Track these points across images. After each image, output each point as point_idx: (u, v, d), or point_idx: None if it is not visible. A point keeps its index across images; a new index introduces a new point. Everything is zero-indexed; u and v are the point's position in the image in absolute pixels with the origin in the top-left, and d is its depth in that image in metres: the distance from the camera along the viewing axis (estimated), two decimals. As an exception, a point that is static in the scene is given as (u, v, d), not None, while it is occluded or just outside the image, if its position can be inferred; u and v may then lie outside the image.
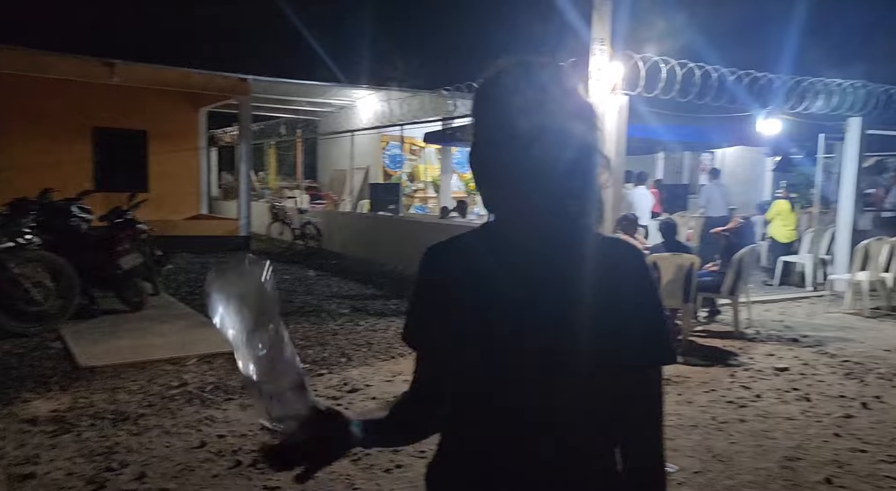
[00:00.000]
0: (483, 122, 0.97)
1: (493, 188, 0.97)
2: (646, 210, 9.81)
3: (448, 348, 1.02)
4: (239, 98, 12.50)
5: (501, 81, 0.97)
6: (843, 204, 8.91)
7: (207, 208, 15.67)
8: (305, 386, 1.00)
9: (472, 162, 0.99)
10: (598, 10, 6.57)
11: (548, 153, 0.91)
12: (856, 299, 7.43)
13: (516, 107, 0.93)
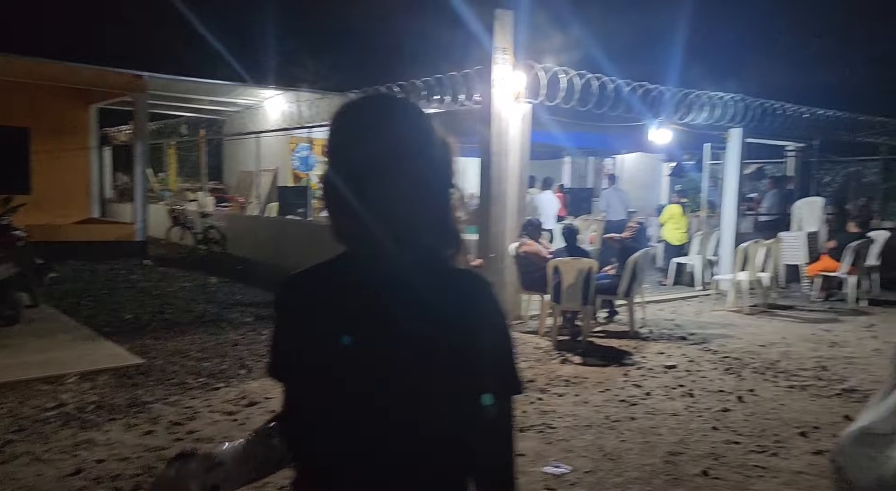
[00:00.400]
0: (330, 154, 0.97)
1: (340, 220, 0.97)
2: (551, 214, 10.14)
3: (302, 381, 1.02)
4: (134, 95, 11.81)
5: (347, 116, 0.97)
6: (727, 208, 9.59)
7: (100, 211, 14.70)
8: None
9: (322, 193, 1.00)
10: (500, 20, 6.72)
11: (391, 187, 0.92)
12: (738, 298, 8.02)
13: (360, 141, 0.93)
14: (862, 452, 0.80)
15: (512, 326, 6.94)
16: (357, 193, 0.92)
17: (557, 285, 6.27)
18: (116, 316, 6.92)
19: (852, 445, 0.83)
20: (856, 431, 0.84)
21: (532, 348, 6.13)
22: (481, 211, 7.51)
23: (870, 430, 0.82)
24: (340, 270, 1.03)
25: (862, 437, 0.82)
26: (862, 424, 0.85)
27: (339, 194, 0.94)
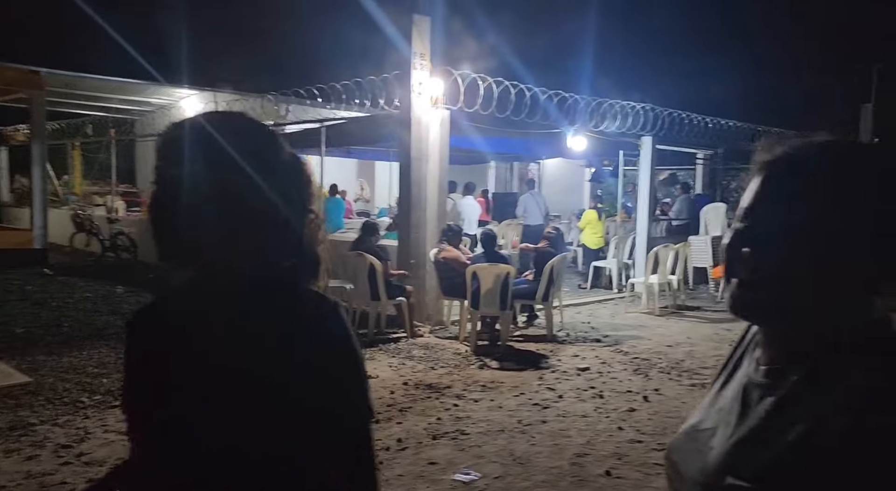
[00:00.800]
0: (160, 173, 0.92)
1: (171, 245, 0.93)
2: (473, 219, 10.24)
3: (151, 420, 0.97)
4: (30, 93, 11.02)
5: (183, 133, 0.92)
6: (640, 213, 9.98)
7: (-5, 216, 13.66)
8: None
9: (150, 215, 0.93)
10: (418, 26, 6.73)
11: (229, 211, 0.88)
12: (650, 300, 8.34)
13: (194, 160, 0.89)
14: (691, 447, 0.83)
15: (433, 331, 6.95)
16: (190, 217, 0.88)
17: (476, 291, 6.31)
18: (6, 330, 6.42)
19: (683, 441, 0.86)
20: (687, 428, 0.88)
21: (451, 354, 6.14)
22: (401, 217, 7.48)
23: (697, 427, 0.86)
24: (185, 300, 0.99)
25: (691, 433, 0.86)
26: (691, 422, 0.89)
27: (170, 217, 0.89)
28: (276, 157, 0.95)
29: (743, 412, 0.77)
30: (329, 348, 0.95)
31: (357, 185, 14.14)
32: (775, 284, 0.72)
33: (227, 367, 0.91)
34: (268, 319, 0.94)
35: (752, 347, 0.86)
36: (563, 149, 10.37)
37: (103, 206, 13.91)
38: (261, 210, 0.91)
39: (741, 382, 0.83)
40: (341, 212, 10.34)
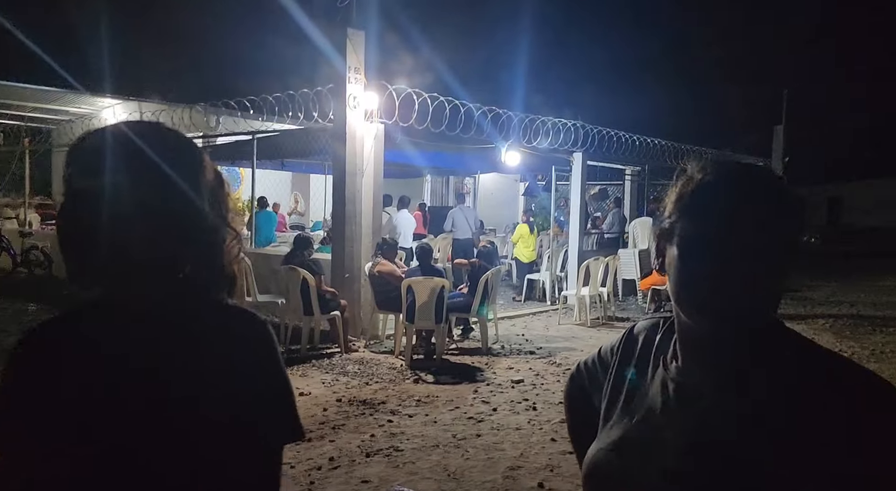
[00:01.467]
0: (68, 184, 0.88)
1: (80, 257, 0.88)
2: (409, 233, 10.22)
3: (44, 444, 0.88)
4: (-67, 99, 10.28)
5: (93, 144, 0.89)
6: (573, 227, 10.24)
7: None
8: None
9: (59, 228, 0.89)
10: (352, 39, 6.71)
11: (142, 224, 0.85)
12: (582, 312, 8.54)
13: (102, 172, 0.86)
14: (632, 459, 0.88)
15: (368, 345, 6.87)
16: (103, 230, 0.84)
17: (411, 304, 6.29)
18: None
19: (615, 458, 0.90)
20: (608, 445, 0.93)
21: (386, 369, 6.07)
22: (335, 230, 7.39)
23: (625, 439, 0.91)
24: (92, 319, 0.93)
25: (621, 448, 0.90)
26: (611, 439, 0.93)
27: (82, 230, 0.86)
28: (195, 169, 0.92)
29: (692, 411, 0.85)
30: (256, 363, 0.93)
31: (291, 199, 13.88)
32: (757, 296, 0.82)
33: (137, 386, 0.88)
34: (184, 336, 0.91)
35: (656, 351, 0.94)
36: (498, 163, 10.54)
37: (15, 220, 13.07)
38: (177, 224, 0.88)
39: (662, 385, 0.89)
40: (273, 225, 10.11)
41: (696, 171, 0.88)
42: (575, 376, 1.14)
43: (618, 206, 12.65)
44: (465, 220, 10.28)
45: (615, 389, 0.96)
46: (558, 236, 10.82)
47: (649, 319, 1.02)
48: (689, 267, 0.84)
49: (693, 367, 0.87)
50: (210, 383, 0.89)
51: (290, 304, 6.79)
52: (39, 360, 0.92)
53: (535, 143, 9.12)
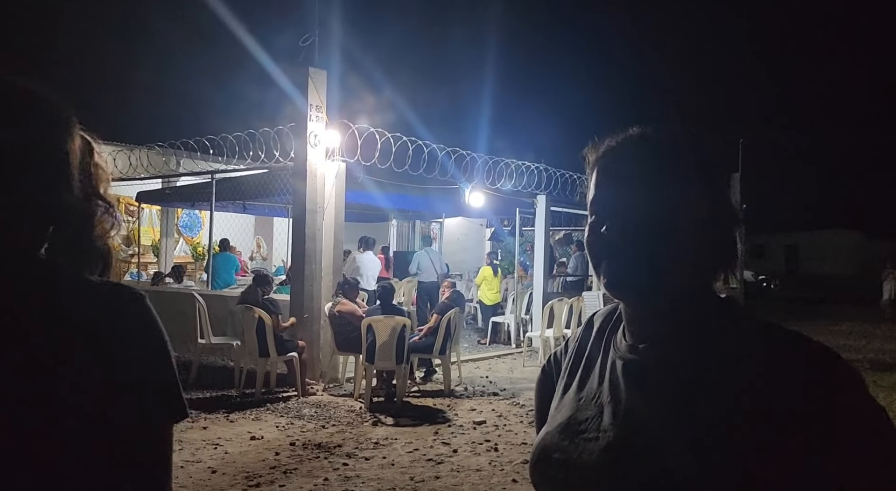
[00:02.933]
0: None
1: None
2: (373, 275, 10.07)
3: None
4: None
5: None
6: (537, 269, 10.24)
7: None
8: None
9: None
10: (314, 78, 6.73)
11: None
12: (546, 353, 8.42)
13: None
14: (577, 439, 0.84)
15: (327, 388, 6.61)
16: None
17: (371, 344, 6.11)
18: None
19: (562, 438, 0.86)
20: (558, 427, 0.88)
21: (345, 412, 5.83)
22: (294, 269, 7.23)
23: (574, 420, 0.87)
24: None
25: (570, 428, 0.86)
26: (560, 420, 0.89)
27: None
28: (54, 133, 0.84)
29: (630, 387, 0.81)
30: (133, 336, 0.85)
31: (253, 243, 13.65)
32: (641, 264, 0.78)
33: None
34: (57, 309, 0.82)
35: (608, 334, 0.92)
36: (463, 207, 10.58)
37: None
38: (33, 197, 0.80)
39: (611, 364, 0.86)
40: (232, 267, 9.86)
41: (606, 141, 0.87)
42: (545, 367, 1.12)
43: (581, 250, 12.75)
44: (431, 263, 10.21)
45: (570, 372, 0.95)
46: (523, 279, 10.80)
47: (608, 307, 0.99)
48: (588, 239, 0.84)
49: (634, 344, 0.85)
50: (80, 359, 0.80)
51: (245, 346, 6.54)
52: None
53: (498, 184, 9.20)
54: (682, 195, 0.78)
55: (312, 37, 6.78)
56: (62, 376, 0.79)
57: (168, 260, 12.38)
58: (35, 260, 0.84)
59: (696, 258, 0.80)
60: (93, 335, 0.82)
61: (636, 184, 0.79)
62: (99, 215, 0.89)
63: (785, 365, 0.72)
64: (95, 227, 0.89)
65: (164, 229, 12.89)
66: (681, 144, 0.83)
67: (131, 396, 0.82)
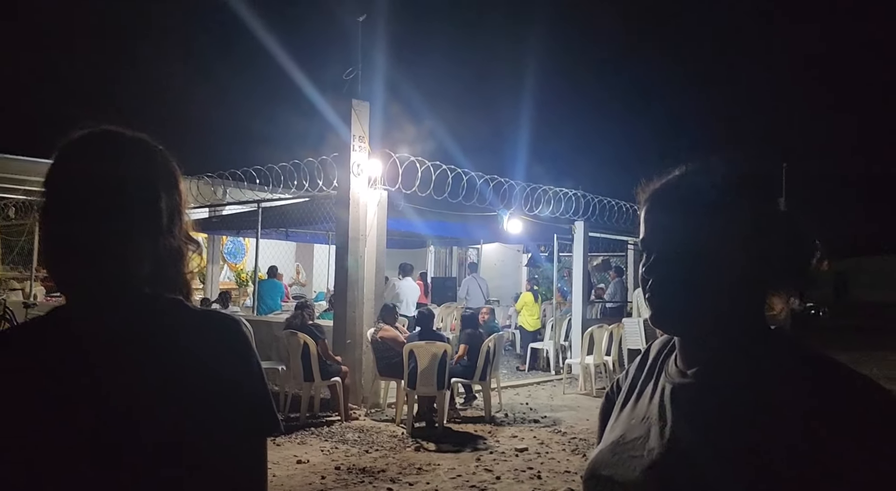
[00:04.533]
0: (47, 191, 0.90)
1: (53, 264, 0.88)
2: (412, 300, 10.17)
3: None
4: (-53, 175, 10.55)
5: (65, 153, 0.91)
6: (576, 295, 10.18)
7: None
8: None
9: (40, 235, 0.92)
10: (357, 110, 6.97)
11: (107, 231, 0.86)
12: (586, 381, 8.35)
13: (76, 176, 0.88)
14: (624, 456, 0.88)
15: (369, 413, 6.68)
16: (71, 233, 0.85)
17: (413, 370, 6.17)
18: None
19: (611, 455, 0.91)
20: (609, 445, 0.93)
21: (387, 437, 5.88)
22: (337, 295, 7.38)
23: (622, 439, 0.91)
24: (52, 328, 0.92)
25: (619, 446, 0.91)
26: (612, 439, 0.93)
27: (54, 235, 0.87)
28: (160, 177, 0.94)
29: (675, 409, 0.86)
30: (236, 358, 0.93)
31: (293, 269, 13.94)
32: (678, 295, 0.84)
33: (112, 390, 0.86)
34: (157, 338, 0.90)
35: (662, 360, 0.96)
36: (501, 233, 10.65)
37: (20, 291, 13.12)
38: (140, 232, 0.89)
39: (661, 389, 0.91)
40: (278, 294, 10.10)
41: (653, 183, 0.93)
42: (608, 394, 1.18)
43: (619, 276, 12.63)
44: (479, 289, 10.29)
45: (627, 395, 1.00)
46: (561, 305, 10.75)
47: (666, 336, 1.03)
48: (640, 274, 0.88)
49: (684, 370, 0.89)
50: (183, 380, 0.88)
51: (290, 370, 6.68)
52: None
53: (536, 211, 9.24)
54: (719, 229, 0.82)
55: (356, 70, 7.04)
56: (172, 397, 0.87)
57: (214, 286, 12.72)
58: (143, 293, 0.92)
59: (738, 289, 0.83)
60: (196, 358, 0.90)
61: (673, 221, 0.85)
62: (189, 253, 0.98)
63: (828, 396, 0.74)
64: (187, 264, 0.98)
65: (210, 256, 13.27)
66: (719, 178, 0.86)
67: (231, 412, 0.89)
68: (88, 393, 0.86)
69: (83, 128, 0.92)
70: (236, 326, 0.95)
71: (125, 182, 0.88)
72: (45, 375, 0.87)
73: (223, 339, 0.93)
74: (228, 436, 0.89)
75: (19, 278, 15.27)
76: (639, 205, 0.92)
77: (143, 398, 0.86)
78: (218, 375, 0.90)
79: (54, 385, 0.86)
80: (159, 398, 0.86)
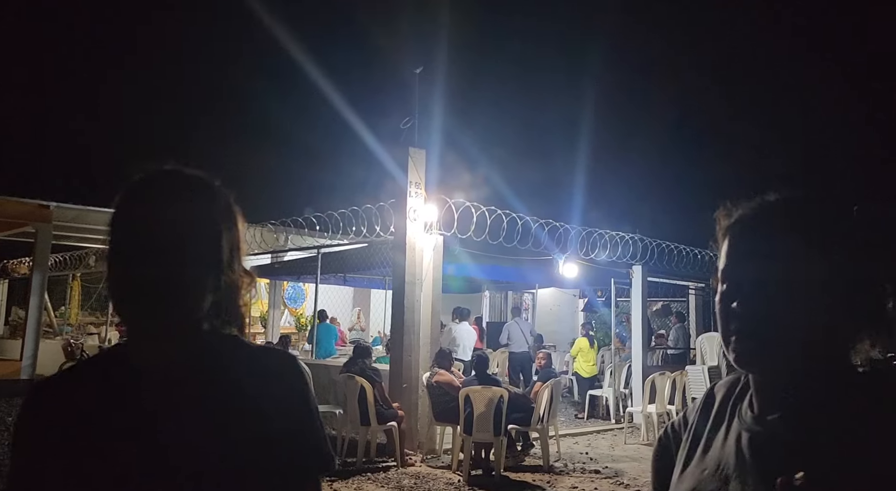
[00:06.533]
0: (112, 232, 0.93)
1: (119, 302, 0.91)
2: (469, 345, 10.13)
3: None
4: (37, 225, 11.27)
5: (133, 188, 0.94)
6: (635, 341, 9.92)
7: (-14, 348, 13.47)
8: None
9: (107, 274, 0.93)
10: (413, 157, 7.18)
11: (169, 268, 0.88)
12: (649, 430, 8.03)
13: (138, 215, 0.91)
14: None
15: (425, 459, 6.61)
16: (138, 273, 0.88)
17: (469, 415, 6.11)
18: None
19: None
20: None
21: (443, 484, 5.80)
22: (394, 340, 7.44)
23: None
24: (116, 363, 0.95)
25: None
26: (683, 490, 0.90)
27: (121, 274, 0.90)
28: (220, 214, 0.96)
29: (757, 460, 0.80)
30: (291, 396, 0.95)
31: (353, 314, 14.15)
32: (770, 330, 0.78)
33: (172, 425, 0.88)
34: (216, 374, 0.93)
35: (732, 404, 0.90)
36: (556, 277, 10.56)
37: (97, 336, 13.80)
38: (202, 267, 0.91)
39: (737, 437, 0.85)
40: (332, 337, 10.27)
41: (740, 208, 0.86)
42: (662, 438, 1.13)
43: (681, 322, 12.23)
44: (521, 332, 10.16)
45: (692, 443, 0.94)
46: (620, 351, 10.47)
47: (731, 376, 0.98)
48: (718, 309, 0.83)
49: (762, 416, 0.83)
50: (242, 418, 0.90)
51: (347, 414, 6.72)
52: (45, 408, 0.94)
53: (592, 255, 9.16)
54: (809, 267, 0.77)
55: (413, 119, 7.29)
56: (228, 432, 0.89)
57: (275, 330, 13.04)
58: (203, 329, 0.94)
59: (827, 331, 0.78)
60: (253, 394, 0.92)
61: (762, 257, 0.79)
62: (244, 286, 0.99)
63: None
64: (242, 297, 0.99)
65: (271, 301, 13.66)
66: (809, 212, 0.81)
67: (288, 450, 0.92)
68: (145, 426, 0.88)
69: (144, 170, 0.95)
70: (293, 363, 0.98)
71: (187, 220, 0.90)
72: (106, 407, 0.90)
73: (280, 375, 0.96)
74: (283, 473, 0.91)
75: (96, 323, 16.10)
76: (719, 230, 0.87)
77: (198, 433, 0.88)
78: (274, 411, 0.92)
79: (114, 417, 0.89)
80: (215, 433, 0.89)
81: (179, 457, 0.87)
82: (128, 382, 0.91)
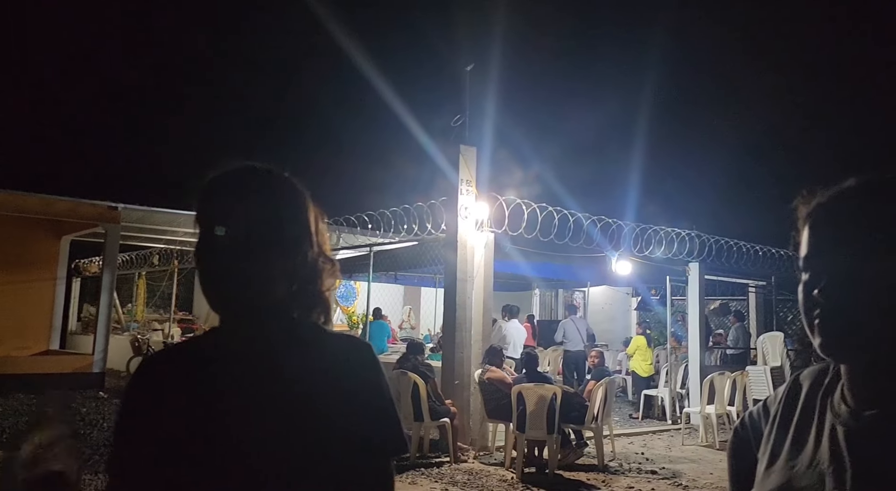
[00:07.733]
0: (200, 223, 0.98)
1: (210, 291, 0.96)
2: (519, 343, 10.08)
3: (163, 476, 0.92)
4: (107, 226, 11.91)
5: (215, 185, 0.99)
6: (692, 341, 9.65)
7: (61, 343, 14.23)
8: None
9: (196, 264, 0.98)
10: (464, 155, 7.20)
11: (251, 257, 0.93)
12: (708, 431, 7.81)
13: (219, 209, 0.95)
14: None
15: (478, 456, 6.63)
16: (223, 263, 0.93)
17: (522, 413, 6.09)
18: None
19: None
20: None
21: (497, 481, 5.80)
22: (446, 337, 7.48)
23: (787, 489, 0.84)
24: (213, 343, 1.01)
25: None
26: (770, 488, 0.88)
27: (208, 265, 0.95)
28: (303, 205, 1.01)
29: (855, 455, 0.77)
30: (365, 380, 0.98)
31: (404, 312, 14.30)
32: (860, 318, 0.76)
33: (258, 405, 0.93)
34: (299, 355, 0.97)
35: (822, 396, 0.87)
36: (608, 275, 10.39)
37: (161, 332, 14.39)
38: (289, 255, 0.96)
39: (831, 430, 0.82)
40: (385, 335, 10.40)
41: (819, 195, 0.84)
42: (738, 429, 1.11)
43: (740, 321, 11.84)
44: (577, 331, 10.04)
45: (778, 436, 0.91)
46: (676, 350, 10.22)
47: (817, 365, 0.95)
48: (801, 298, 0.80)
49: (857, 409, 0.80)
50: (316, 402, 0.93)
51: (400, 410, 6.78)
52: (149, 386, 0.99)
53: (646, 252, 8.97)
54: (892, 253, 0.74)
55: (464, 117, 7.31)
56: (308, 414, 0.93)
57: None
58: (287, 315, 0.99)
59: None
60: (335, 380, 0.96)
61: (842, 243, 0.77)
62: (326, 271, 1.03)
63: None
64: (324, 282, 1.02)
65: (324, 300, 13.94)
66: (890, 195, 0.78)
67: (365, 432, 0.94)
68: (230, 407, 0.93)
69: (219, 166, 1.00)
70: (368, 349, 1.02)
71: (266, 210, 0.95)
72: (194, 388, 0.95)
73: (357, 361, 0.99)
74: (360, 454, 0.94)
75: (160, 320, 16.81)
76: (799, 217, 0.85)
77: (280, 415, 0.92)
78: (351, 395, 0.95)
79: (202, 397, 0.94)
80: (296, 415, 0.92)
81: (259, 438, 0.91)
82: (214, 364, 0.97)
